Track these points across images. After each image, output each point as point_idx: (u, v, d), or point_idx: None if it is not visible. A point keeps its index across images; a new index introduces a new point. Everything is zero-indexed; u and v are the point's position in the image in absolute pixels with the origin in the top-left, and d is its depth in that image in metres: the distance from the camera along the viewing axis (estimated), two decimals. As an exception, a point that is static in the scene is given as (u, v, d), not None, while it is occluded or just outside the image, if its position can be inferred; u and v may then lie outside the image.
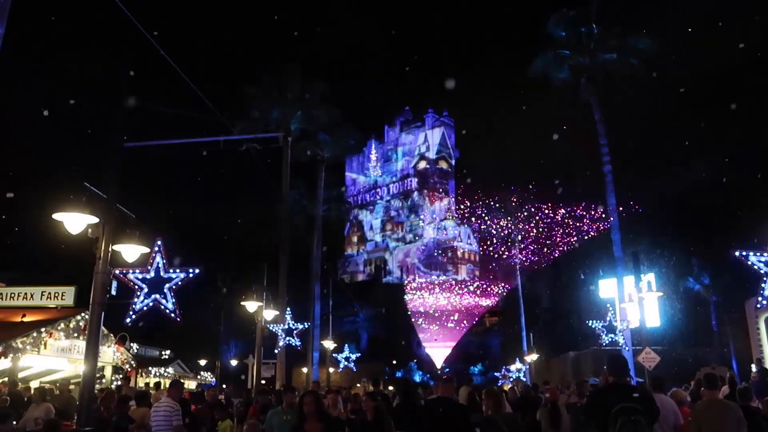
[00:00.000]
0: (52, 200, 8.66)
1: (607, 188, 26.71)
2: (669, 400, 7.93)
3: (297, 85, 31.32)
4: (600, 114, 27.44)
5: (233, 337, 53.63)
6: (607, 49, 27.60)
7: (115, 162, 9.57)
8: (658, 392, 7.98)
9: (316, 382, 17.84)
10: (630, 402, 5.46)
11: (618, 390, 5.78)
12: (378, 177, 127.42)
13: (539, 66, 28.85)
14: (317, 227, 34.59)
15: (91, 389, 9.14)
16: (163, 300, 9.06)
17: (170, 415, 8.67)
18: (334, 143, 34.34)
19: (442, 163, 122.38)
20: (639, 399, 5.62)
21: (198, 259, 38.10)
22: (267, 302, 20.68)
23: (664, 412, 7.34)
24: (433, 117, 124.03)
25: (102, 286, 8.96)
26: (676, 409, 7.70)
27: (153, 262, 9.20)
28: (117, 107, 9.76)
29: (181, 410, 9.12)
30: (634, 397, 5.63)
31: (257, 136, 20.15)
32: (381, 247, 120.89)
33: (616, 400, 5.48)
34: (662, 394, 8.16)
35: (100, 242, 8.95)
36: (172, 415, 8.68)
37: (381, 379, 14.95)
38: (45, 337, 18.19)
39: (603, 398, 5.81)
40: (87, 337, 9.20)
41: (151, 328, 29.12)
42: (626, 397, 5.57)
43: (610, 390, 5.91)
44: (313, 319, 32.25)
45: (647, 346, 18.68)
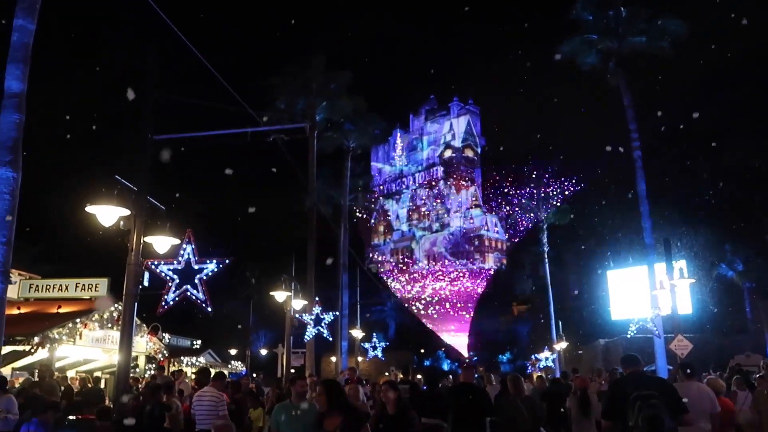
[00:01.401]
0: (85, 193, 8.81)
1: (637, 174, 26.25)
2: (705, 388, 7.79)
3: (322, 75, 31.32)
4: (629, 98, 26.96)
5: (263, 326, 54.20)
6: (635, 32, 27.04)
7: (144, 155, 9.69)
8: (691, 380, 7.83)
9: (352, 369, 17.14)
10: (646, 390, 5.75)
11: (635, 379, 6.13)
12: (403, 166, 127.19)
13: (566, 51, 28.40)
14: (344, 217, 34.68)
15: (125, 378, 9.33)
16: (194, 290, 9.16)
17: (215, 405, 8.58)
18: (359, 133, 34.33)
19: (468, 152, 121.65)
20: (656, 387, 5.92)
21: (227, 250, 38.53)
22: (295, 292, 20.84)
23: (700, 399, 7.26)
24: (458, 105, 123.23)
25: (134, 277, 9.12)
26: (713, 396, 7.55)
27: (183, 254, 9.31)
28: (146, 100, 9.87)
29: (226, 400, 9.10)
30: (650, 385, 5.94)
31: (283, 126, 20.25)
32: (407, 237, 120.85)
33: (633, 389, 5.78)
34: (696, 381, 8.02)
35: (131, 234, 9.10)
36: (218, 405, 8.60)
37: (410, 367, 14.93)
38: (80, 328, 18.58)
39: (622, 387, 6.11)
40: (121, 328, 9.38)
41: (182, 318, 29.60)
42: (643, 385, 5.87)
43: (627, 379, 6.26)
44: (341, 308, 32.40)
45: (679, 334, 18.43)
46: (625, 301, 39.18)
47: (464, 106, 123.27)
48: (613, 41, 27.30)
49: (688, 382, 7.74)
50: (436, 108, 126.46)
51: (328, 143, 32.46)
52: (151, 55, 10.09)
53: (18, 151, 6.65)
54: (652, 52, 27.08)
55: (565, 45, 28.32)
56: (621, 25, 27.22)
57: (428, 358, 72.15)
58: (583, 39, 27.84)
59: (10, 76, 6.89)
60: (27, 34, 7.16)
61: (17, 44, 7.07)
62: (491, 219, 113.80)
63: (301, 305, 21.04)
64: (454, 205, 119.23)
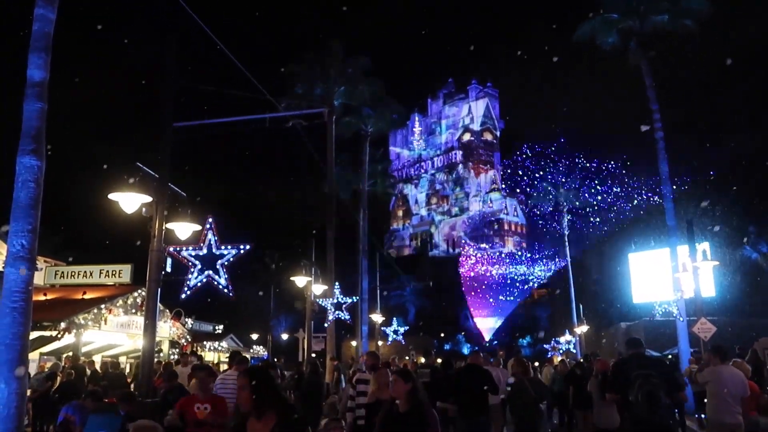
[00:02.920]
0: (107, 181, 8.91)
1: (659, 155, 25.87)
2: (738, 372, 7.82)
3: (340, 60, 31.24)
4: (651, 79, 26.51)
5: (283, 311, 54.68)
6: (658, 11, 26.51)
7: (165, 142, 9.77)
8: (724, 363, 7.81)
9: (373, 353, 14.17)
10: (646, 369, 6.56)
11: (637, 359, 6.88)
12: (422, 150, 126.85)
13: (586, 31, 27.97)
14: (363, 202, 34.69)
15: (150, 363, 9.48)
16: (216, 276, 9.26)
17: None
18: (377, 118, 34.22)
19: (487, 135, 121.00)
20: (655, 367, 6.75)
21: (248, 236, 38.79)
22: (315, 277, 20.95)
23: (734, 384, 7.31)
24: (477, 88, 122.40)
25: (157, 263, 9.23)
26: (745, 381, 7.57)
27: (205, 239, 9.39)
28: (166, 88, 9.92)
29: None
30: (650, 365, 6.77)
31: (302, 112, 20.25)
32: (426, 221, 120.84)
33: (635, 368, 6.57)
34: (729, 365, 8.00)
35: (154, 221, 9.21)
36: None
37: (432, 350, 15.02)
38: (105, 313, 18.88)
39: (625, 366, 6.93)
40: (145, 313, 9.51)
41: (204, 303, 29.95)
42: (644, 365, 6.69)
43: (630, 359, 6.96)
44: (361, 293, 32.52)
45: (702, 317, 18.24)
46: (647, 284, 38.81)
47: (483, 89, 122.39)
48: (635, 20, 26.81)
49: (722, 365, 7.72)
50: (454, 91, 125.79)
51: (347, 128, 32.43)
52: (171, 43, 10.13)
53: (41, 140, 6.74)
54: (675, 31, 26.55)
55: (586, 25, 27.90)
56: (643, 3, 26.73)
57: (448, 342, 72.34)
58: (604, 18, 27.38)
59: (32, 65, 6.95)
60: (48, 23, 7.22)
61: (38, 33, 7.13)
62: (511, 202, 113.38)
63: (321, 290, 21.15)
64: (473, 189, 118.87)
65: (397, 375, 5.53)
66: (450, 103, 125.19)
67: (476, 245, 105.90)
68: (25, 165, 6.53)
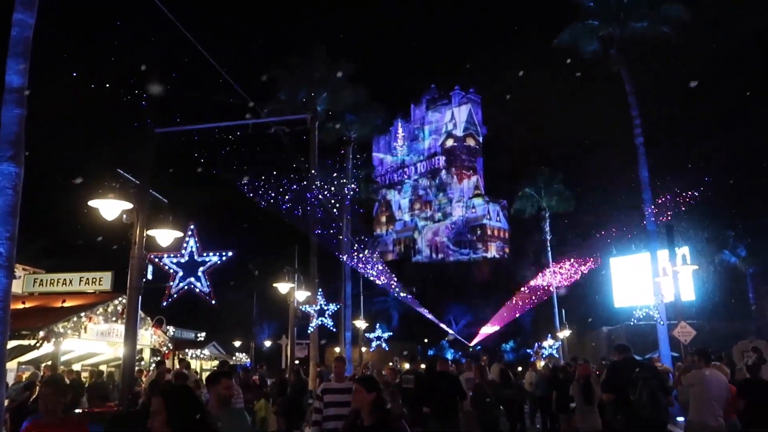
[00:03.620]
0: (88, 188, 8.82)
1: (640, 160, 26.19)
2: (721, 375, 7.97)
3: (323, 66, 31.24)
4: (631, 85, 26.84)
5: (266, 318, 54.36)
6: (637, 18, 26.89)
7: (147, 148, 9.69)
8: (707, 366, 7.93)
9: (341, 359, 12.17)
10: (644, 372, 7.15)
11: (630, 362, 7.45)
12: (405, 156, 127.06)
13: (566, 38, 28.27)
14: (346, 208, 34.66)
15: (131, 371, 9.37)
16: (197, 283, 9.19)
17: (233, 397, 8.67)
18: (361, 123, 34.24)
19: (470, 141, 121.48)
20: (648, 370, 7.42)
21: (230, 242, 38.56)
22: (299, 283, 20.88)
23: (720, 386, 7.44)
24: (460, 94, 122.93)
25: (138, 270, 9.13)
26: (726, 383, 7.71)
27: (187, 246, 9.32)
28: (147, 93, 9.85)
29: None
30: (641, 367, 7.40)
31: (285, 118, 20.23)
32: (410, 227, 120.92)
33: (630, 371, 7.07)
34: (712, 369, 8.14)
35: (134, 228, 9.11)
36: (235, 398, 8.72)
37: (418, 356, 15.13)
38: (85, 322, 18.65)
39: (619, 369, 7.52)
40: (125, 321, 9.40)
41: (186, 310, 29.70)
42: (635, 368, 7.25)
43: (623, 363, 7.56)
44: (344, 299, 32.45)
45: (683, 320, 18.43)
46: (628, 288, 39.18)
47: (465, 95, 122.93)
48: (615, 27, 27.15)
49: (706, 369, 7.83)
50: (437, 97, 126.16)
51: (330, 134, 32.40)
52: (153, 48, 10.07)
53: (20, 146, 6.65)
54: (654, 38, 26.91)
55: (566, 32, 28.19)
56: (622, 10, 27.07)
57: (432, 348, 72.36)
58: (585, 25, 27.70)
59: (11, 70, 6.88)
60: (26, 28, 7.15)
61: (17, 38, 7.06)
62: (493, 208, 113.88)
63: (304, 296, 21.08)
64: (456, 195, 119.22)
65: (359, 383, 4.74)
66: (433, 108, 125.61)
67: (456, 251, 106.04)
68: (3, 172, 6.45)
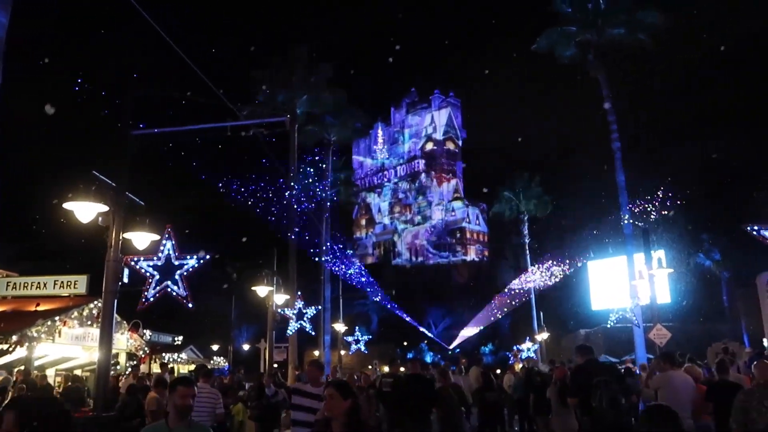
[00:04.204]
0: (63, 190, 8.70)
1: (616, 165, 26.52)
2: (686, 376, 8.05)
3: (303, 68, 31.22)
4: (608, 90, 27.17)
5: (245, 321, 53.99)
6: (614, 24, 27.24)
7: (123, 150, 9.59)
8: (673, 368, 8.05)
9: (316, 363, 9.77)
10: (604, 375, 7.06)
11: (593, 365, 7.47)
12: (385, 159, 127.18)
13: (544, 43, 28.56)
14: (325, 211, 34.61)
15: (106, 376, 9.25)
16: (174, 286, 9.09)
17: (213, 403, 8.56)
18: (340, 126, 34.25)
19: (450, 144, 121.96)
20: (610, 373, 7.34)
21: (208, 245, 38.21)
22: (277, 287, 20.77)
23: (685, 388, 7.51)
24: (440, 98, 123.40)
25: (114, 274, 9.02)
26: (693, 384, 7.78)
27: (164, 249, 9.23)
28: (124, 95, 9.75)
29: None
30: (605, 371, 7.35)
31: (263, 120, 20.11)
32: (389, 230, 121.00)
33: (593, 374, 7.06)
34: (678, 370, 8.23)
35: (110, 230, 9.00)
36: (216, 403, 8.60)
37: (397, 359, 15.08)
38: (59, 326, 18.37)
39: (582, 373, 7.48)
40: (101, 325, 9.28)
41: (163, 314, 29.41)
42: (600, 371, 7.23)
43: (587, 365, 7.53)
44: (324, 302, 32.40)
45: (658, 323, 18.67)
46: (605, 291, 39.60)
47: (445, 99, 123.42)
48: (592, 33, 27.48)
49: (672, 371, 7.95)
50: (417, 101, 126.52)
51: (309, 137, 32.35)
52: (130, 49, 9.98)
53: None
54: (631, 44, 27.29)
55: (544, 37, 28.47)
56: (600, 17, 27.41)
57: (411, 351, 72.39)
58: (563, 31, 28.00)
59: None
60: (0, 29, 7.03)
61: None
62: (473, 211, 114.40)
63: (283, 300, 20.98)
64: (436, 198, 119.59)
65: (334, 388, 4.17)
66: (413, 112, 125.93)
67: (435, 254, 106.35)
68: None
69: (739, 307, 36.89)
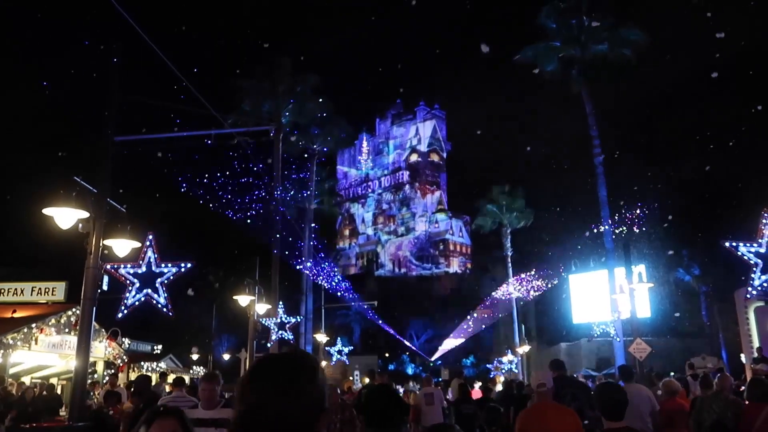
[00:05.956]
0: (42, 195, 8.59)
1: (598, 180, 26.77)
2: (642, 388, 8.42)
3: (288, 78, 31.24)
4: (591, 105, 27.47)
5: (225, 331, 53.52)
6: (598, 41, 27.60)
7: (105, 156, 9.50)
8: (629, 382, 8.37)
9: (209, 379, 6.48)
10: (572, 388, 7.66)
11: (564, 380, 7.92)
12: (369, 170, 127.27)
13: (528, 56, 28.83)
14: (309, 221, 34.53)
15: (83, 384, 9.11)
16: (154, 294, 9.03)
17: None
18: (325, 136, 34.27)
19: (434, 156, 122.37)
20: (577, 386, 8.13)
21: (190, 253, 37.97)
22: (259, 296, 20.64)
23: (640, 400, 7.72)
24: (425, 109, 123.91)
25: (93, 281, 8.91)
26: (651, 397, 8.01)
27: (144, 257, 9.17)
28: (107, 101, 9.68)
29: None
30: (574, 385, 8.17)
31: (248, 129, 20.08)
32: (373, 241, 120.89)
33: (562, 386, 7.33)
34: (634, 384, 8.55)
35: (90, 237, 8.90)
36: None
37: (377, 371, 15.03)
38: (36, 333, 18.10)
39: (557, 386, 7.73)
40: (78, 333, 9.15)
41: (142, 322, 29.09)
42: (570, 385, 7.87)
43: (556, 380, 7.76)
44: (306, 312, 32.25)
45: (638, 337, 18.78)
46: (587, 304, 39.81)
47: (430, 111, 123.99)
48: (576, 49, 27.80)
49: (627, 385, 8.19)
50: (402, 112, 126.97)
51: (294, 146, 32.33)
52: (114, 55, 9.92)
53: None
54: (614, 60, 27.65)
55: (528, 50, 28.75)
56: (584, 33, 27.76)
57: (393, 362, 72.20)
58: (547, 46, 28.30)
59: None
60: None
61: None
62: (456, 223, 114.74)
63: (264, 309, 20.85)
64: (420, 210, 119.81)
65: None
66: (398, 123, 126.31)
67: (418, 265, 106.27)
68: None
69: (717, 322, 37.27)
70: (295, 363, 1.82)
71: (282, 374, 1.77)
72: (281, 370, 1.79)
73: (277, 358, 1.86)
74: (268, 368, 1.80)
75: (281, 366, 1.81)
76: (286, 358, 1.86)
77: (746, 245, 9.65)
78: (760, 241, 9.66)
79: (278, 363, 1.83)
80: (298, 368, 1.79)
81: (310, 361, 1.86)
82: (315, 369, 1.83)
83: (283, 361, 1.84)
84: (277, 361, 1.84)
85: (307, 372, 1.79)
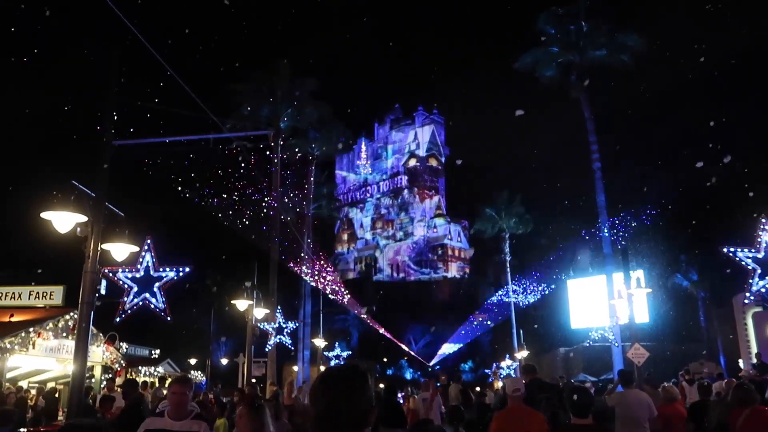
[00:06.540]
0: (41, 199, 8.58)
1: (597, 185, 26.82)
2: (642, 394, 8.39)
3: (287, 82, 31.25)
4: (589, 111, 27.52)
5: (224, 335, 53.45)
6: (596, 46, 27.68)
7: (104, 160, 9.50)
8: (629, 387, 8.33)
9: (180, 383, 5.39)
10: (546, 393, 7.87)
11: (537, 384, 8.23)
12: (368, 175, 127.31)
13: (527, 61, 28.91)
14: (307, 225, 34.52)
15: (80, 389, 9.09)
16: (152, 299, 9.02)
17: None
18: (324, 141, 34.29)
19: (432, 161, 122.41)
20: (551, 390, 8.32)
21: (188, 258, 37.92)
22: (257, 301, 20.63)
23: (639, 406, 7.71)
24: (423, 114, 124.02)
25: (91, 285, 8.89)
26: (650, 402, 8.00)
27: (142, 261, 9.15)
28: (106, 105, 9.69)
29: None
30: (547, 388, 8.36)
31: (247, 133, 20.10)
32: (371, 245, 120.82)
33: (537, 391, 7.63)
34: (634, 389, 8.51)
35: (88, 241, 8.89)
36: None
37: (374, 375, 15.02)
38: (33, 337, 18.04)
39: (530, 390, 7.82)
40: (76, 337, 9.13)
41: (140, 327, 29.04)
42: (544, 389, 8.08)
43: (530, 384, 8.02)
44: (304, 317, 32.21)
45: (636, 342, 18.76)
46: (585, 310, 39.81)
47: (429, 116, 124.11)
48: (574, 54, 27.88)
49: (627, 390, 8.16)
50: (401, 117, 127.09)
51: (293, 151, 32.35)
52: (112, 59, 9.92)
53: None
54: (612, 66, 27.73)
55: (527, 56, 28.83)
56: (582, 38, 27.84)
57: (391, 367, 72.09)
58: (546, 51, 28.38)
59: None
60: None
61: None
62: (455, 228, 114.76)
63: (263, 314, 20.83)
64: (418, 214, 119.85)
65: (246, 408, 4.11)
66: (396, 128, 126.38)
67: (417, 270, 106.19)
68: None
69: (715, 327, 37.26)
70: (352, 374, 2.42)
71: (344, 383, 2.37)
72: (343, 380, 2.39)
73: (340, 370, 2.48)
74: (333, 379, 2.40)
75: (343, 377, 2.41)
76: (346, 370, 2.48)
77: (744, 250, 9.67)
78: (758, 247, 9.68)
79: (340, 374, 2.44)
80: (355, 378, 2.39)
81: (362, 372, 2.44)
82: (367, 377, 2.42)
83: (344, 373, 2.45)
84: (339, 372, 2.46)
85: (362, 380, 2.39)
